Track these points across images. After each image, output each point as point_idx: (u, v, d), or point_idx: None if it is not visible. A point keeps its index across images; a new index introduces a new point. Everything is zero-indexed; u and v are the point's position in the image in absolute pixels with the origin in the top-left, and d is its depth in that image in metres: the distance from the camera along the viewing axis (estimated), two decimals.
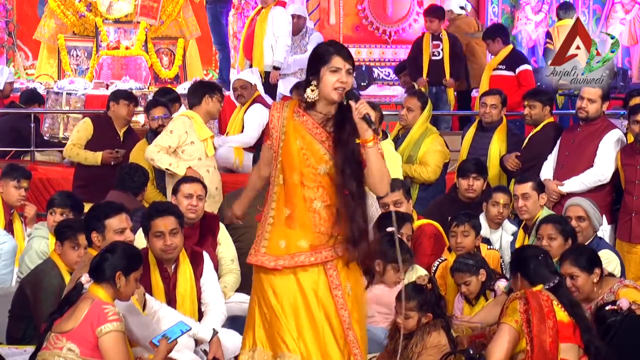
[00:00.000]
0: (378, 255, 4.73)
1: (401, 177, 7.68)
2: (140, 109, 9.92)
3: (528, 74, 10.26)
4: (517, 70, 10.28)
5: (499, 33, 10.59)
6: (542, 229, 6.22)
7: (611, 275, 5.71)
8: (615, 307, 5.05)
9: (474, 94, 11.41)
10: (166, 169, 7.61)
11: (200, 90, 7.87)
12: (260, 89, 9.64)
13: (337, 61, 4.48)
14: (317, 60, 4.51)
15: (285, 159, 4.51)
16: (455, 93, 11.35)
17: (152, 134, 8.49)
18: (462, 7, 12.16)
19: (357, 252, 4.47)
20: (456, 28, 12.00)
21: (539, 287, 4.90)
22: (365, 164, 4.46)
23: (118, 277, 4.75)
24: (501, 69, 10.37)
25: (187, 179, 6.82)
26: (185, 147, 7.64)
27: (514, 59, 10.40)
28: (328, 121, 4.52)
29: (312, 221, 4.46)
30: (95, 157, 8.72)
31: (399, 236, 6.10)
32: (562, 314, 4.80)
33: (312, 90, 4.50)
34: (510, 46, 10.60)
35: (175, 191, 6.61)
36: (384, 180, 4.47)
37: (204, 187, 6.67)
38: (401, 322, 5.18)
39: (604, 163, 7.46)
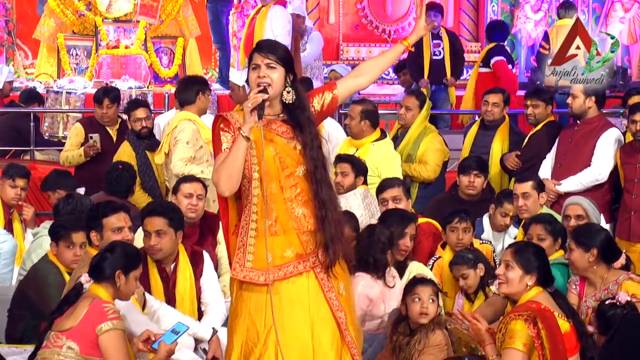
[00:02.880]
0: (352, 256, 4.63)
1: (400, 177, 7.68)
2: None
3: (501, 64, 10.28)
4: (491, 63, 10.32)
5: (488, 31, 10.72)
6: (531, 229, 6.17)
7: (623, 269, 5.70)
8: (614, 301, 5.04)
9: None
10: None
11: (194, 88, 7.69)
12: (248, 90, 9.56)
13: (255, 58, 4.37)
14: (249, 62, 4.41)
15: (261, 170, 4.33)
16: None
17: (135, 136, 8.40)
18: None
19: (329, 257, 4.35)
20: None
21: (540, 289, 4.83)
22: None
23: (118, 276, 4.75)
24: (481, 67, 10.48)
25: (186, 178, 6.78)
26: (196, 152, 7.58)
27: (489, 56, 10.46)
28: (284, 122, 4.41)
29: (295, 224, 4.35)
30: (78, 153, 8.71)
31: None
32: (565, 325, 4.73)
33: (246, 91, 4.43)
34: (491, 45, 10.66)
35: (175, 191, 6.57)
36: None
37: (204, 186, 6.65)
38: (427, 306, 5.23)
39: (601, 162, 7.46)
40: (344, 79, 4.62)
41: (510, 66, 10.92)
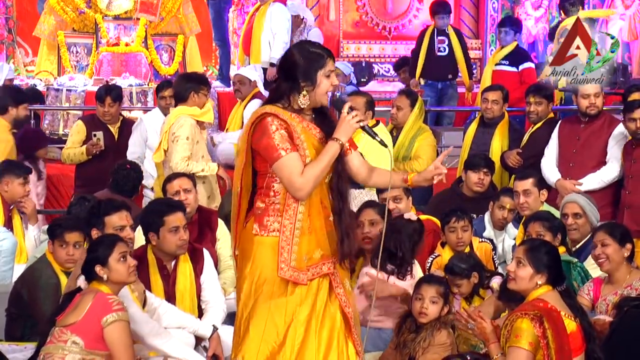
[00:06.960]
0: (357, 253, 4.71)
1: (388, 167, 7.65)
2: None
3: (531, 72, 10.28)
4: (521, 67, 10.31)
5: (511, 24, 10.66)
6: (530, 227, 6.16)
7: None
8: None
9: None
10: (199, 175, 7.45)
11: (187, 85, 7.62)
12: (261, 86, 9.62)
13: (331, 64, 4.36)
14: (313, 64, 4.32)
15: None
16: None
17: None
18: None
19: (342, 251, 4.43)
20: None
21: (549, 288, 4.77)
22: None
23: (99, 271, 4.77)
24: (504, 64, 10.41)
25: (169, 177, 6.81)
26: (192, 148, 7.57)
27: (518, 55, 10.44)
28: (317, 126, 4.44)
29: (324, 225, 4.41)
30: (80, 151, 8.74)
31: None
32: (572, 325, 4.68)
33: (304, 96, 4.34)
34: (515, 42, 10.62)
35: (163, 192, 6.64)
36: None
37: (190, 178, 6.70)
38: (427, 307, 5.22)
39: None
40: (355, 157, 4.61)
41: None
